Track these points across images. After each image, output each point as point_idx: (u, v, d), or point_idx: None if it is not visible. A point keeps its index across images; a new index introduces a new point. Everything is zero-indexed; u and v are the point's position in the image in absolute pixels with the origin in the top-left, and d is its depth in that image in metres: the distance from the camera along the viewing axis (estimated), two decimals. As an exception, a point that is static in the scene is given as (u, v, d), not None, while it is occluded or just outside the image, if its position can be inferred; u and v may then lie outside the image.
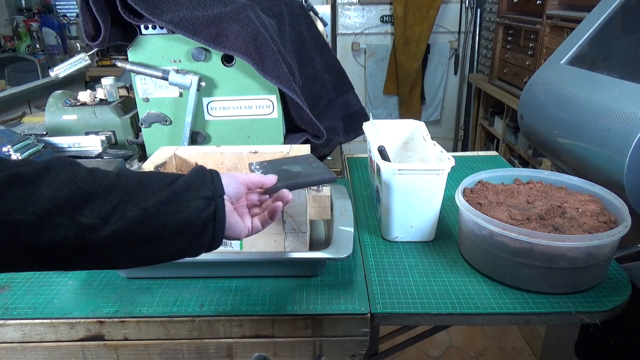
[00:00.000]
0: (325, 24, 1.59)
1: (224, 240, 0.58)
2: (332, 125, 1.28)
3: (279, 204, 0.64)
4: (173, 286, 0.76)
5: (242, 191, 0.62)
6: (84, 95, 1.18)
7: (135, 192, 0.50)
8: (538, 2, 2.07)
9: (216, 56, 1.05)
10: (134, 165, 1.08)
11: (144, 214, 0.49)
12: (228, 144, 1.12)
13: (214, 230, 0.55)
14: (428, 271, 0.80)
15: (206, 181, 0.56)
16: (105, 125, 1.14)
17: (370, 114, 1.19)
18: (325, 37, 1.39)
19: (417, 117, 3.18)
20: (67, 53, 3.03)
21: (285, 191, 0.65)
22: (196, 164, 0.91)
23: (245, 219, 0.62)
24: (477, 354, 1.81)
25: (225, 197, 0.57)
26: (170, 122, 1.10)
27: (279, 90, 1.06)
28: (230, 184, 0.59)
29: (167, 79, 1.03)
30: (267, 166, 0.75)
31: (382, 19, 3.04)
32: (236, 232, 0.59)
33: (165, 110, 1.10)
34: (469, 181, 0.89)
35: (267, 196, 0.67)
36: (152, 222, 0.50)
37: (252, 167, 0.75)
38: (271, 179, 0.67)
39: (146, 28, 1.03)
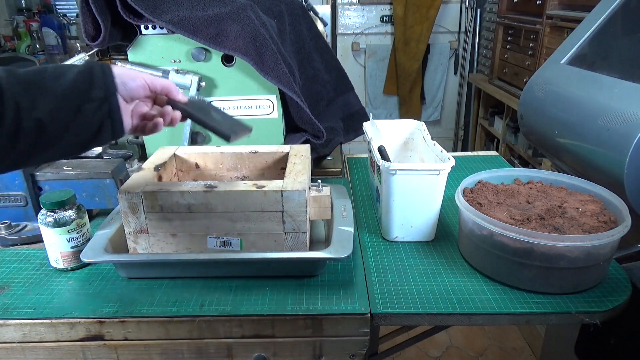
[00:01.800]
0: (325, 24, 1.59)
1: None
2: (332, 125, 1.28)
3: (160, 120, 0.66)
4: (173, 286, 0.76)
5: (140, 93, 0.63)
6: (84, 95, 1.18)
7: (23, 100, 0.51)
8: (538, 2, 2.07)
9: (216, 56, 1.05)
10: (134, 165, 1.08)
11: (40, 124, 0.52)
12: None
13: (112, 126, 0.58)
14: (428, 271, 0.80)
15: (96, 80, 0.57)
16: (105, 125, 1.14)
17: (370, 114, 1.19)
18: (325, 37, 1.39)
19: (417, 117, 3.18)
20: (67, 53, 3.02)
21: (177, 112, 0.67)
22: (196, 164, 0.91)
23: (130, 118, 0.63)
24: (477, 354, 1.81)
25: (118, 95, 0.59)
26: (170, 122, 1.10)
27: (279, 90, 1.06)
28: (126, 83, 0.60)
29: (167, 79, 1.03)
30: (198, 102, 0.73)
31: (382, 19, 3.04)
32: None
33: (165, 110, 1.10)
34: (469, 181, 0.89)
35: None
36: (48, 131, 0.53)
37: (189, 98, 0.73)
38: (182, 97, 0.68)
39: (146, 28, 1.03)
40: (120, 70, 0.60)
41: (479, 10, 3.02)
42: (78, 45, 3.02)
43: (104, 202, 0.92)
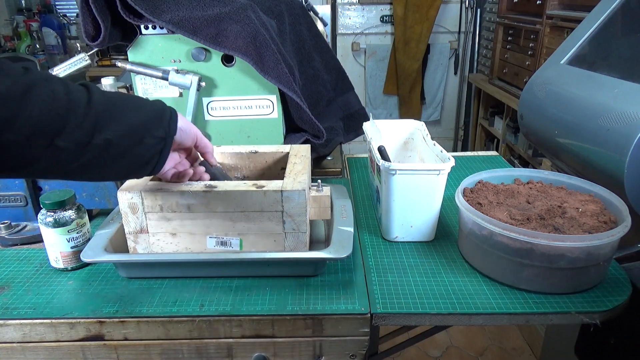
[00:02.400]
0: (325, 24, 1.59)
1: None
2: (332, 125, 1.28)
3: (190, 172, 0.76)
4: (173, 286, 0.76)
5: (188, 143, 0.71)
6: (84, 95, 1.18)
7: (103, 118, 0.57)
8: (538, 2, 2.07)
9: (216, 56, 1.05)
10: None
11: (107, 143, 0.58)
12: (228, 144, 1.12)
13: (157, 163, 0.66)
14: (428, 271, 0.80)
15: (163, 121, 0.65)
16: (105, 125, 1.14)
17: (370, 114, 1.19)
18: (325, 37, 1.38)
19: (417, 117, 3.18)
20: (67, 53, 3.02)
21: (206, 175, 0.78)
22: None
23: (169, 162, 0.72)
24: (477, 354, 1.81)
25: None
26: (170, 122, 1.10)
27: (279, 90, 1.06)
28: (182, 130, 0.69)
29: (167, 79, 1.03)
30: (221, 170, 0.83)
31: (382, 19, 3.04)
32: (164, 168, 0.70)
33: (165, 110, 1.10)
34: (469, 181, 0.89)
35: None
36: (110, 152, 0.59)
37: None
38: (215, 161, 0.78)
39: (146, 28, 1.03)
40: (180, 118, 0.68)
41: (479, 10, 3.02)
42: (78, 45, 3.02)
43: (104, 202, 0.92)
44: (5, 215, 0.90)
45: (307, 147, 0.93)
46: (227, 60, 1.06)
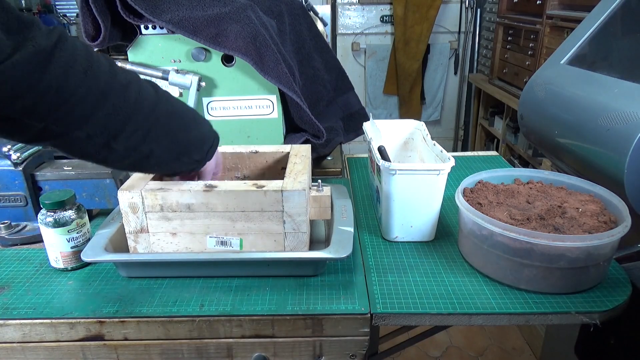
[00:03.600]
0: (325, 24, 1.59)
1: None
2: (332, 125, 1.28)
3: None
4: (173, 286, 0.76)
5: (210, 175, 0.78)
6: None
7: (156, 129, 0.62)
8: (538, 2, 2.08)
9: (216, 56, 1.05)
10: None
11: (150, 154, 0.63)
12: (228, 144, 1.12)
13: (181, 175, 0.74)
14: (428, 271, 0.80)
15: (205, 146, 0.71)
16: (105, 125, 1.14)
17: (370, 114, 1.19)
18: (325, 37, 1.39)
19: (417, 117, 3.18)
20: (67, 53, 3.02)
21: None
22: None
23: None
24: (477, 354, 1.81)
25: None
26: (170, 122, 1.10)
27: (279, 90, 1.06)
28: (214, 160, 0.76)
29: (167, 79, 1.03)
30: None
31: (382, 19, 3.04)
32: None
33: (165, 110, 1.09)
34: (469, 181, 0.89)
35: None
36: (150, 161, 0.64)
37: None
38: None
39: (146, 28, 1.03)
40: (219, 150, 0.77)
41: (479, 10, 3.02)
42: (78, 45, 3.01)
43: (104, 202, 0.92)
44: (5, 215, 0.90)
45: (308, 147, 0.93)
46: (227, 60, 1.06)
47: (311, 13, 1.38)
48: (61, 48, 0.50)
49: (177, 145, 0.66)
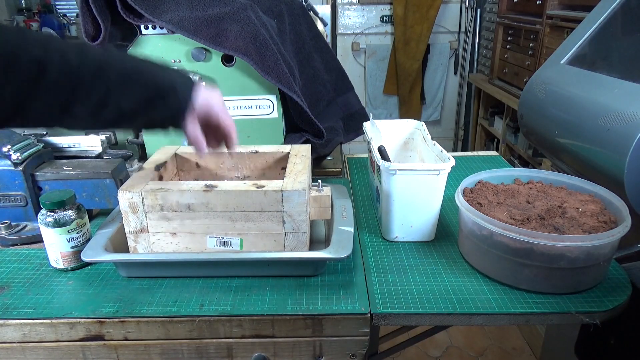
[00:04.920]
0: (325, 24, 1.59)
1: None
2: (332, 125, 1.28)
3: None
4: (173, 286, 0.76)
5: (206, 116, 0.72)
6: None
7: (115, 83, 0.62)
8: (538, 2, 2.08)
9: (216, 56, 1.05)
10: (134, 165, 1.08)
11: (120, 108, 0.63)
12: (228, 144, 1.12)
13: (175, 120, 0.69)
14: (428, 271, 0.80)
15: (179, 87, 0.68)
16: (105, 125, 1.14)
17: (370, 114, 1.19)
18: (325, 37, 1.39)
19: (417, 117, 3.18)
20: (67, 53, 3.01)
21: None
22: (197, 164, 0.91)
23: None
24: (477, 354, 1.81)
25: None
26: (170, 122, 1.10)
27: (279, 90, 1.06)
28: (202, 106, 0.70)
29: (167, 79, 1.02)
30: None
31: (382, 19, 3.04)
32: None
33: (165, 110, 1.09)
34: (469, 181, 0.89)
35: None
36: (125, 115, 0.64)
37: None
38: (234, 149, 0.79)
39: (146, 28, 1.03)
40: (203, 90, 0.71)
41: (479, 10, 3.02)
42: (78, 45, 3.01)
43: (104, 202, 0.92)
44: (5, 215, 0.90)
45: (308, 147, 0.93)
46: (227, 60, 1.06)
47: (311, 13, 1.38)
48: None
49: (146, 91, 0.65)
